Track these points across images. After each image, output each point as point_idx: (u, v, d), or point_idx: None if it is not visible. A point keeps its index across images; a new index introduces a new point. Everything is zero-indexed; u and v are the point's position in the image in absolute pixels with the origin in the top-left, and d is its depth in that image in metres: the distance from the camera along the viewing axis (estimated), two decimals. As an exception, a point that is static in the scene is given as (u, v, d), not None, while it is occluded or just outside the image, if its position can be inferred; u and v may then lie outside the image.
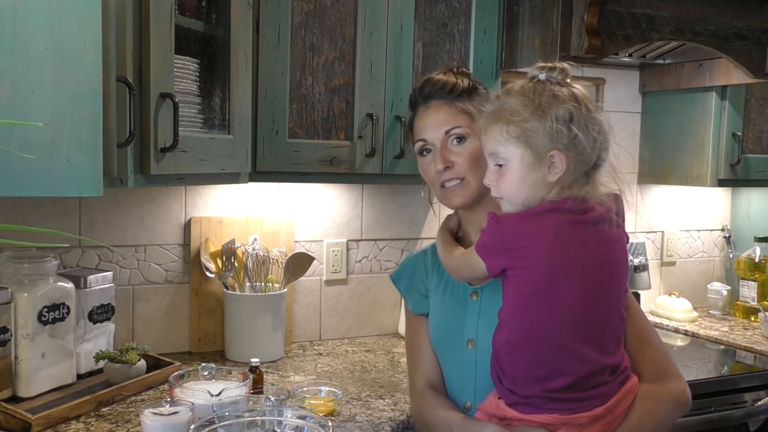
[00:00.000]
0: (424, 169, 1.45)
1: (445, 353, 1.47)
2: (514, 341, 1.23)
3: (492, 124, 1.23)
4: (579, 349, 1.21)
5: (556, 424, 1.22)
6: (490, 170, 1.26)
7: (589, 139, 1.20)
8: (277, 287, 2.14)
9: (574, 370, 1.21)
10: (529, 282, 1.20)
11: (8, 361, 1.63)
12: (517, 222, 1.22)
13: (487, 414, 1.30)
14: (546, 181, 1.20)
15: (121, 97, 1.39)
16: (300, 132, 1.95)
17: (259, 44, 1.87)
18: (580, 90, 1.23)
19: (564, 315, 1.20)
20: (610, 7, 1.99)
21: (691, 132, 2.66)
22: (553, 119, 1.18)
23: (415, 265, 1.56)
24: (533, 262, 1.19)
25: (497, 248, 1.22)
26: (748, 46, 2.21)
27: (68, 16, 1.26)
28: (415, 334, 1.52)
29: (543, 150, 1.19)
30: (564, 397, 1.21)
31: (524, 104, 1.20)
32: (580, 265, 1.21)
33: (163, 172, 1.53)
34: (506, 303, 1.25)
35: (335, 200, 2.37)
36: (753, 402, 2.18)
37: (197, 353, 2.16)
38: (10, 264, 1.68)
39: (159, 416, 1.40)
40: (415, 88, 1.48)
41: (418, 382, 1.48)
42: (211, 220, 2.19)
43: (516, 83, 1.25)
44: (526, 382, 1.22)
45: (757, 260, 2.82)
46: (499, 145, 1.22)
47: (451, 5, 2.10)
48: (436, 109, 1.42)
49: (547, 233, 1.19)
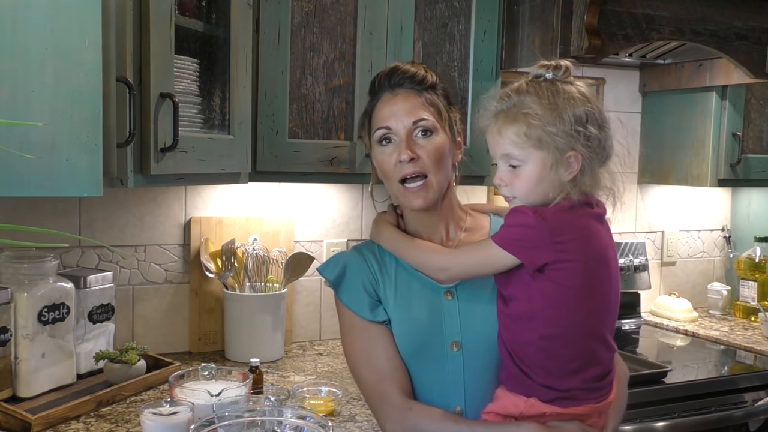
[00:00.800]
0: (383, 160, 1.36)
1: (424, 360, 1.35)
2: (553, 335, 1.21)
3: (508, 125, 1.20)
4: (607, 338, 1.26)
5: (589, 413, 1.24)
6: (503, 170, 1.24)
7: (603, 137, 1.21)
8: (277, 287, 2.14)
9: (604, 358, 1.25)
10: (576, 275, 1.20)
11: (8, 361, 1.63)
12: (560, 215, 1.20)
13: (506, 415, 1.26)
14: (562, 180, 1.20)
15: (121, 97, 1.39)
16: (300, 132, 1.95)
17: (259, 44, 1.87)
18: (586, 88, 1.23)
19: (601, 304, 1.24)
20: (610, 7, 1.99)
21: (691, 132, 2.66)
22: (571, 119, 1.18)
23: (356, 268, 1.40)
24: (578, 255, 1.19)
25: (540, 242, 1.18)
26: (748, 46, 2.21)
27: (68, 16, 1.26)
28: (377, 345, 1.36)
29: (562, 151, 1.18)
30: (596, 386, 1.24)
31: (542, 105, 1.18)
32: (606, 257, 1.24)
33: (163, 172, 1.53)
34: (544, 297, 1.21)
35: (335, 200, 2.37)
36: (753, 402, 2.18)
37: (197, 353, 2.16)
38: (10, 264, 1.68)
39: (159, 416, 1.40)
40: (380, 74, 1.39)
41: (395, 396, 1.32)
42: (211, 220, 2.19)
43: (523, 82, 1.23)
44: (562, 374, 1.22)
45: (757, 260, 2.82)
46: (515, 147, 1.20)
47: (451, 5, 2.10)
48: (404, 98, 1.35)
49: (586, 226, 1.21)
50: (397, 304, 1.37)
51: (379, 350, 1.36)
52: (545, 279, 1.20)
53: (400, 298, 1.38)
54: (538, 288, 1.21)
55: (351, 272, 1.40)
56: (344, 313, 1.41)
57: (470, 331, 1.35)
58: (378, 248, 1.43)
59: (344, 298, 1.40)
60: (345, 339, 1.42)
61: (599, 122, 1.21)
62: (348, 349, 1.41)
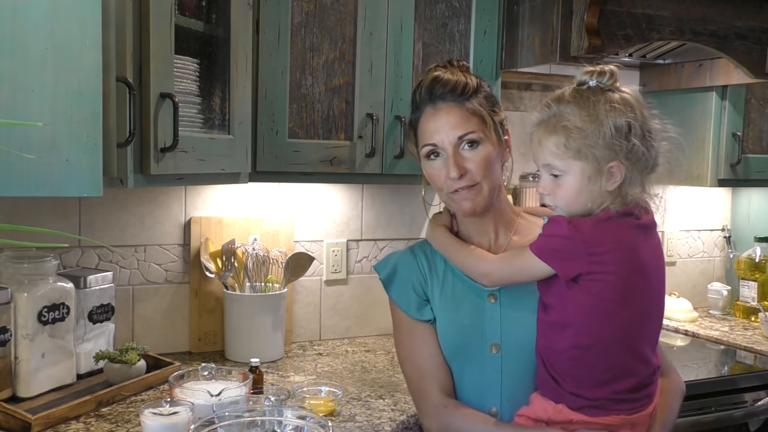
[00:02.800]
0: (432, 174, 1.38)
1: (464, 360, 1.39)
2: (585, 345, 1.21)
3: (548, 136, 1.20)
4: (643, 351, 1.24)
5: (619, 424, 1.24)
6: (545, 179, 1.23)
7: (647, 147, 1.19)
8: (277, 287, 2.14)
9: (639, 371, 1.24)
10: (611, 287, 1.19)
11: (8, 361, 1.63)
12: (596, 226, 1.19)
13: (536, 419, 1.27)
14: (603, 190, 1.19)
15: (121, 97, 1.39)
16: (300, 132, 1.95)
17: (259, 44, 1.86)
18: (632, 95, 1.21)
19: (636, 317, 1.22)
20: (610, 7, 1.99)
21: (691, 132, 2.66)
22: (612, 131, 1.16)
23: (407, 267, 1.46)
24: (614, 267, 1.18)
25: (574, 253, 1.18)
26: (748, 46, 2.21)
27: (68, 16, 1.26)
28: (422, 342, 1.42)
29: (602, 162, 1.17)
30: (629, 397, 1.23)
31: (581, 116, 1.17)
32: (646, 270, 1.22)
33: (163, 172, 1.53)
34: (577, 307, 1.21)
35: (335, 200, 2.37)
36: (753, 402, 2.18)
37: (197, 353, 2.16)
38: (10, 264, 1.68)
39: (159, 416, 1.40)
40: (421, 86, 1.38)
41: (434, 394, 1.37)
42: (211, 220, 2.19)
43: (566, 90, 1.22)
44: (592, 384, 1.22)
45: (757, 260, 2.82)
46: (555, 158, 1.20)
47: (451, 5, 2.10)
48: (447, 112, 1.35)
49: (625, 238, 1.20)
50: (442, 304, 1.41)
51: (423, 348, 1.41)
52: (579, 289, 1.20)
53: (446, 298, 1.41)
54: (573, 298, 1.21)
55: (401, 271, 1.46)
56: (394, 309, 1.48)
57: (510, 334, 1.36)
58: (430, 248, 1.47)
59: (394, 296, 1.46)
60: (395, 335, 1.49)
61: (642, 132, 1.19)
62: (396, 343, 1.49)
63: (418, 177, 1.49)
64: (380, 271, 1.49)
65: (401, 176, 2.08)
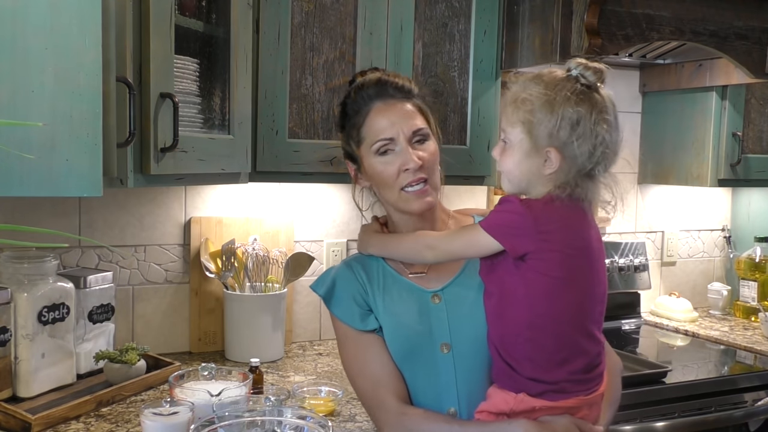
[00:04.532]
0: (383, 170, 1.38)
1: (416, 363, 1.37)
2: (537, 325, 1.23)
3: (508, 104, 1.26)
4: (591, 330, 1.27)
5: (579, 406, 1.25)
6: (499, 144, 1.29)
7: (587, 147, 1.21)
8: (277, 287, 2.14)
9: (590, 349, 1.27)
10: (557, 265, 1.22)
11: (8, 361, 1.63)
12: (546, 206, 1.23)
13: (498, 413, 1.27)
14: (541, 173, 1.23)
15: (121, 97, 1.39)
16: (300, 132, 1.95)
17: (259, 44, 1.87)
18: (603, 97, 1.23)
19: (584, 296, 1.26)
20: (610, 7, 1.99)
21: (691, 132, 2.66)
22: (559, 118, 1.20)
23: (345, 280, 1.43)
24: (561, 246, 1.22)
25: (524, 230, 1.21)
26: (748, 46, 2.21)
27: (68, 16, 1.26)
28: (371, 353, 1.39)
29: (541, 143, 1.21)
30: (584, 378, 1.26)
31: (540, 94, 1.21)
32: (591, 249, 1.26)
33: (163, 172, 1.53)
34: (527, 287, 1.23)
35: (335, 200, 2.37)
36: (753, 402, 2.18)
37: (197, 353, 2.16)
38: (10, 264, 1.68)
39: (159, 416, 1.40)
40: (365, 84, 1.41)
41: (391, 402, 1.34)
42: (211, 220, 2.19)
43: (550, 72, 1.26)
44: (549, 366, 1.24)
45: (757, 260, 2.82)
46: (507, 124, 1.26)
47: (451, 5, 2.10)
48: (400, 107, 1.39)
49: (572, 218, 1.24)
50: (386, 310, 1.40)
51: (373, 358, 1.39)
52: (528, 269, 1.23)
53: (389, 304, 1.40)
54: (522, 278, 1.24)
55: (340, 285, 1.43)
56: (338, 325, 1.45)
57: (459, 332, 1.36)
58: (366, 259, 1.46)
59: (336, 311, 1.43)
60: (341, 350, 1.46)
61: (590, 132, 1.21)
62: (344, 359, 1.45)
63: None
64: (318, 289, 1.46)
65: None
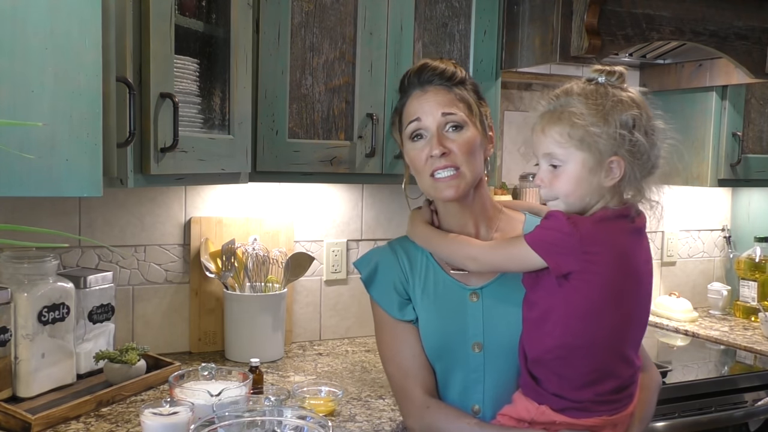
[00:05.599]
0: (414, 156, 1.38)
1: (447, 359, 1.38)
2: (570, 345, 1.21)
3: (552, 125, 1.20)
4: (627, 354, 1.24)
5: (601, 425, 1.24)
6: (544, 170, 1.24)
7: (650, 145, 1.20)
8: (277, 287, 2.14)
9: (622, 373, 1.24)
10: (600, 288, 1.19)
11: (8, 361, 1.63)
12: (594, 225, 1.19)
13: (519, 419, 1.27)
14: (603, 186, 1.20)
15: (121, 97, 1.39)
16: (300, 132, 1.95)
17: (259, 44, 1.86)
18: (637, 95, 1.22)
19: (624, 320, 1.22)
20: (610, 7, 1.99)
21: (691, 132, 2.66)
22: (616, 124, 1.17)
23: (388, 266, 1.44)
24: (605, 269, 1.18)
25: (569, 249, 1.18)
26: (748, 46, 2.21)
27: (68, 16, 1.26)
28: (404, 342, 1.40)
29: (604, 154, 1.18)
30: (611, 399, 1.24)
31: (588, 107, 1.18)
32: (637, 273, 1.23)
33: (163, 172, 1.53)
34: (566, 305, 1.21)
35: (335, 200, 2.37)
36: (753, 402, 2.18)
37: (197, 353, 2.16)
38: (10, 264, 1.68)
39: (159, 416, 1.40)
40: (409, 71, 1.41)
41: (417, 394, 1.37)
42: (211, 220, 2.19)
43: (574, 84, 1.23)
44: (577, 386, 1.22)
45: (757, 260, 2.82)
46: (558, 146, 1.20)
47: (451, 5, 2.10)
48: (434, 93, 1.37)
49: (620, 242, 1.20)
50: (425, 304, 1.40)
51: (405, 348, 1.40)
52: (570, 288, 1.20)
53: (428, 298, 1.40)
54: (563, 295, 1.21)
55: (382, 270, 1.44)
56: (376, 309, 1.46)
57: (492, 333, 1.36)
58: (411, 246, 1.45)
59: (375, 295, 1.44)
60: (377, 334, 1.47)
61: (646, 130, 1.20)
62: (379, 342, 1.46)
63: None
64: (361, 269, 1.47)
65: (401, 176, 2.06)
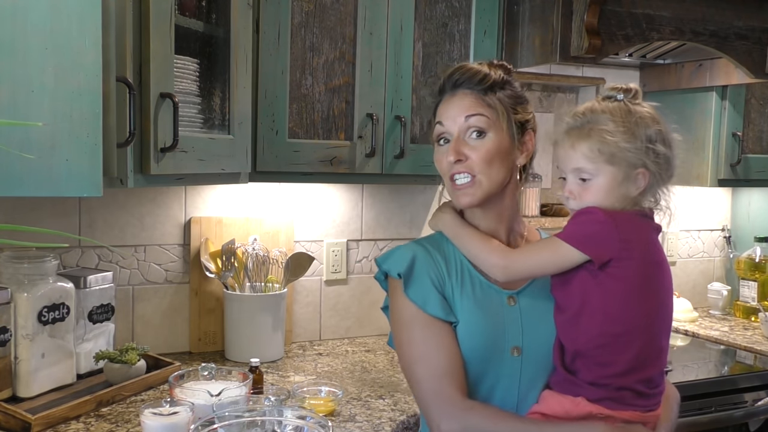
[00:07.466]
0: (438, 159, 1.37)
1: (486, 362, 1.33)
2: (614, 333, 1.25)
3: (581, 141, 1.26)
4: (661, 343, 1.30)
5: (635, 421, 1.26)
6: (572, 183, 1.29)
7: (670, 155, 1.29)
8: (277, 287, 2.14)
9: (658, 363, 1.29)
10: (635, 273, 1.25)
11: (8, 361, 1.63)
12: (626, 216, 1.27)
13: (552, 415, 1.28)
14: (629, 195, 1.27)
15: (121, 97, 1.39)
16: (300, 132, 1.95)
17: (259, 44, 1.87)
18: (652, 110, 1.30)
19: (657, 307, 1.29)
20: (610, 7, 2.00)
21: (691, 132, 2.66)
22: (642, 139, 1.25)
23: (425, 263, 1.36)
24: (638, 255, 1.25)
25: (608, 237, 1.24)
26: (748, 46, 2.21)
27: (68, 16, 1.26)
28: (440, 342, 1.32)
29: (631, 168, 1.26)
30: (646, 391, 1.27)
31: (616, 123, 1.25)
32: (664, 264, 1.31)
33: (163, 172, 1.53)
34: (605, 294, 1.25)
35: (335, 200, 2.37)
36: (753, 402, 2.18)
37: (197, 353, 2.16)
38: (10, 264, 1.68)
39: (159, 416, 1.40)
40: (445, 75, 1.38)
41: (456, 395, 1.28)
42: (211, 220, 2.19)
43: (595, 102, 1.30)
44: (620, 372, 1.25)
45: (757, 260, 2.82)
46: (588, 161, 1.26)
47: (451, 5, 2.10)
48: (461, 98, 1.34)
49: (646, 235, 1.30)
50: (466, 307, 1.34)
51: (441, 348, 1.31)
52: (606, 276, 1.25)
53: (468, 301, 1.35)
54: (599, 286, 1.25)
55: (420, 267, 1.35)
56: (406, 306, 1.35)
57: (531, 336, 1.35)
58: (447, 245, 1.40)
59: (411, 293, 1.34)
60: (401, 332, 1.36)
61: (667, 142, 1.29)
62: (403, 342, 1.36)
63: (419, 177, 1.49)
64: (392, 265, 1.38)
65: (401, 176, 2.08)
